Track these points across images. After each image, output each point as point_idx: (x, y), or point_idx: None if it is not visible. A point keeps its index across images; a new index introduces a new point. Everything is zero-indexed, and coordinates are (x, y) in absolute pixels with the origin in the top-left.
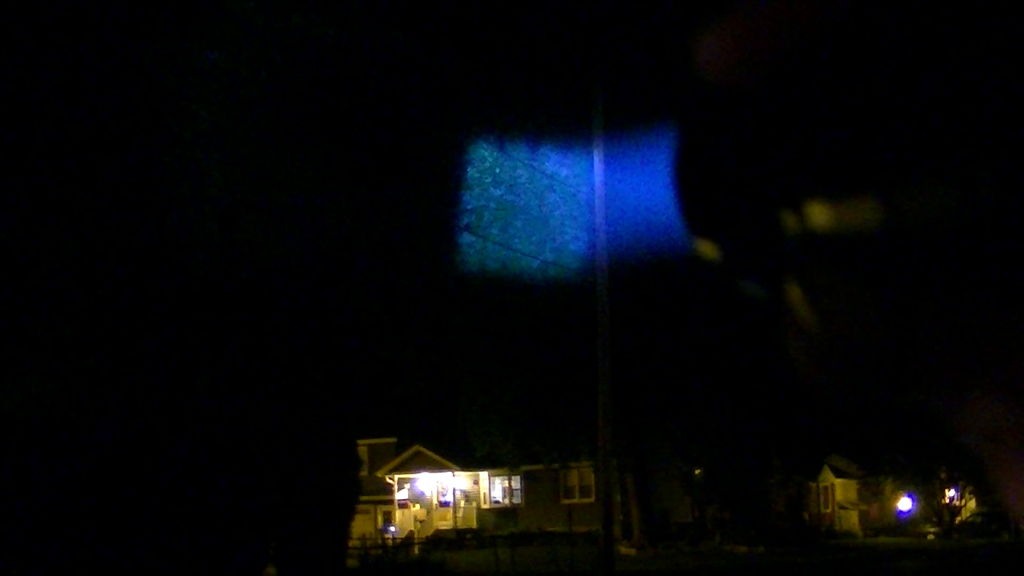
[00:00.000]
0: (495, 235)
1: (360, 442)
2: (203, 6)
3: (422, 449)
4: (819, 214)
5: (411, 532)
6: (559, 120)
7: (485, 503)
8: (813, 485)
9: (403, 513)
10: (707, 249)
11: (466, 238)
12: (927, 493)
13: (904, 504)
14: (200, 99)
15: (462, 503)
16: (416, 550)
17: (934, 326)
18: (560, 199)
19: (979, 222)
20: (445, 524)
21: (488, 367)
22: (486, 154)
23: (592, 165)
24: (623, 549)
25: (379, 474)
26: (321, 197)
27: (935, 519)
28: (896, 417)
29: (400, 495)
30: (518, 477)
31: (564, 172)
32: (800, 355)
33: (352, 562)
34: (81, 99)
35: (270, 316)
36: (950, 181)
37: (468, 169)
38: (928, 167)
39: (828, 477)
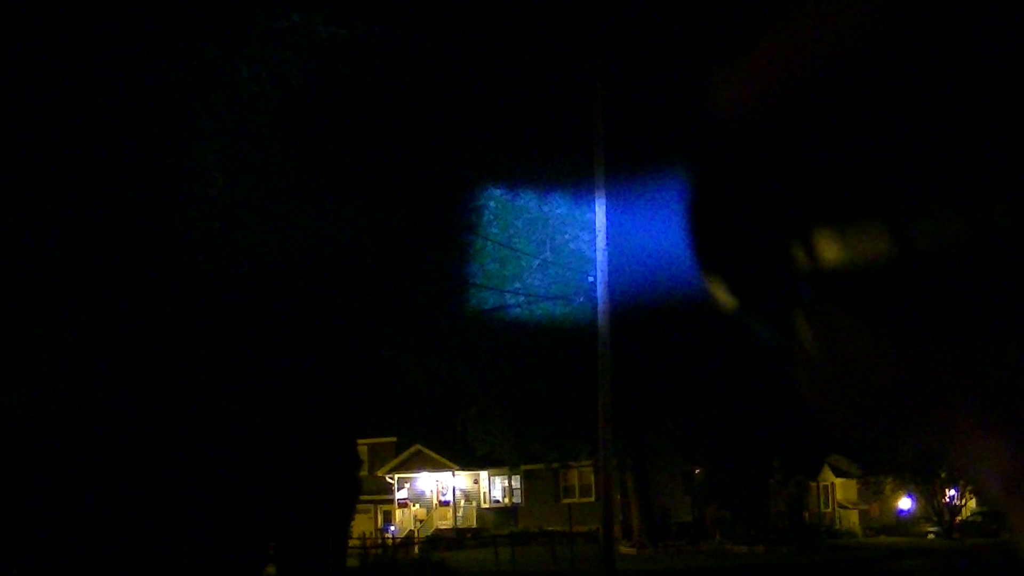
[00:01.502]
0: (495, 234)
1: (360, 442)
2: (203, 5)
3: (422, 448)
4: (828, 248)
5: (411, 531)
6: (561, 122)
7: (485, 502)
8: (813, 484)
9: (403, 512)
10: (716, 286)
11: (466, 237)
12: (927, 493)
13: (904, 504)
14: (200, 99)
15: (462, 502)
16: (416, 549)
17: (946, 362)
18: (560, 199)
19: (992, 251)
20: (445, 523)
21: (488, 367)
22: (487, 153)
23: (592, 161)
24: (623, 548)
25: (379, 473)
26: (322, 197)
27: (935, 519)
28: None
29: (400, 494)
30: (518, 476)
31: (565, 171)
32: (810, 391)
33: (352, 561)
34: (82, 99)
35: (270, 316)
36: (962, 209)
37: (470, 169)
38: (939, 195)
39: (828, 476)
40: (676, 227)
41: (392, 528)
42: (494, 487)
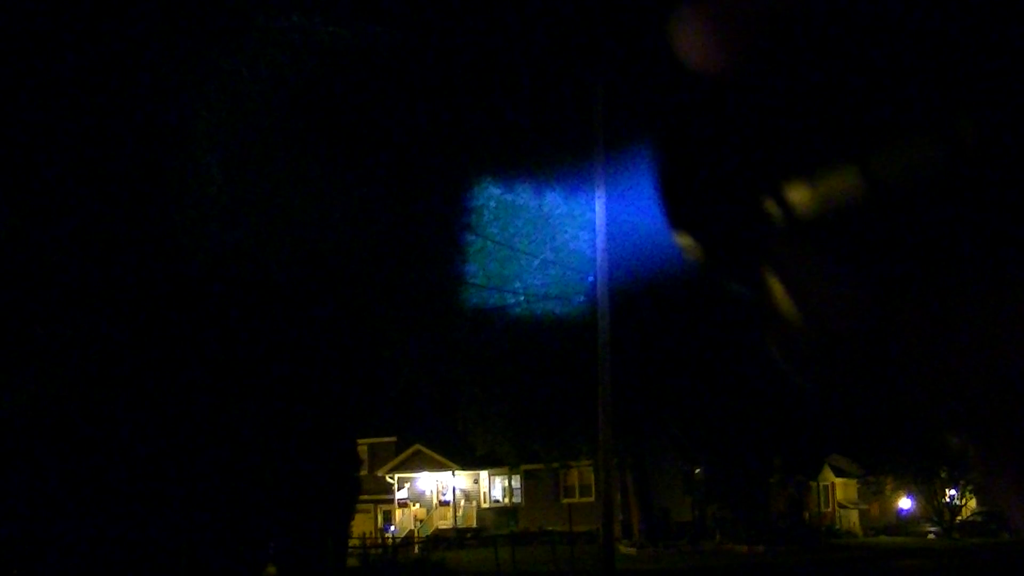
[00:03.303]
0: (495, 234)
1: (360, 442)
2: (204, 5)
3: (422, 448)
4: (797, 194)
5: (411, 531)
6: (561, 121)
7: (485, 502)
8: (813, 484)
9: (403, 512)
10: (688, 243)
11: (466, 237)
12: (927, 492)
13: (904, 504)
14: (201, 99)
15: (462, 502)
16: (416, 549)
17: (919, 313)
18: (560, 198)
19: (965, 177)
20: (445, 523)
21: (488, 367)
22: (487, 153)
23: (591, 161)
24: (623, 548)
25: (379, 473)
26: (321, 197)
27: (935, 518)
28: (887, 412)
29: (400, 494)
30: (518, 476)
31: (565, 170)
32: (781, 350)
33: (352, 561)
34: (82, 99)
35: (270, 316)
36: (931, 134)
37: (468, 168)
38: (905, 126)
39: (828, 476)
40: (673, 228)
41: (392, 528)
42: (494, 487)
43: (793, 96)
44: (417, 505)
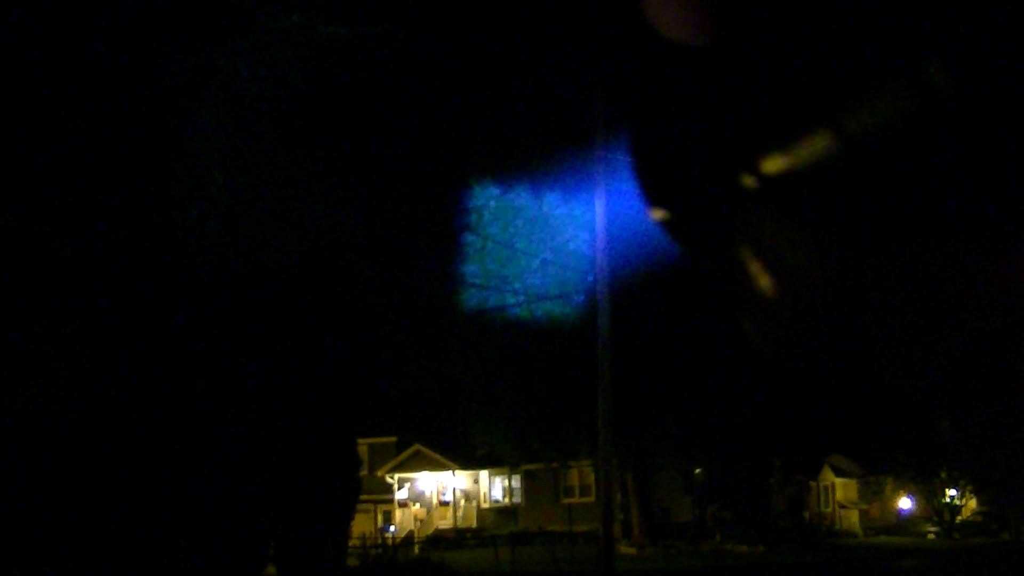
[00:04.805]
0: (495, 234)
1: (360, 441)
2: (203, 5)
3: (422, 448)
4: (770, 165)
5: (411, 531)
6: (561, 121)
7: (485, 502)
8: (813, 484)
9: (403, 512)
10: (661, 217)
11: (466, 237)
12: (927, 492)
13: (904, 504)
14: (201, 99)
15: (462, 502)
16: (416, 549)
17: (891, 281)
18: (559, 199)
19: (939, 130)
20: (445, 523)
21: (488, 366)
22: (488, 153)
23: (591, 161)
24: (623, 548)
25: (379, 473)
26: (322, 197)
27: (936, 518)
28: (860, 383)
29: (400, 494)
30: (518, 476)
31: (565, 171)
32: (754, 323)
33: (352, 561)
34: (83, 99)
35: (270, 316)
36: (902, 88)
37: (468, 168)
38: (875, 80)
39: (828, 476)
40: (676, 226)
41: (392, 528)
42: (494, 487)
43: (762, 63)
44: (417, 505)
